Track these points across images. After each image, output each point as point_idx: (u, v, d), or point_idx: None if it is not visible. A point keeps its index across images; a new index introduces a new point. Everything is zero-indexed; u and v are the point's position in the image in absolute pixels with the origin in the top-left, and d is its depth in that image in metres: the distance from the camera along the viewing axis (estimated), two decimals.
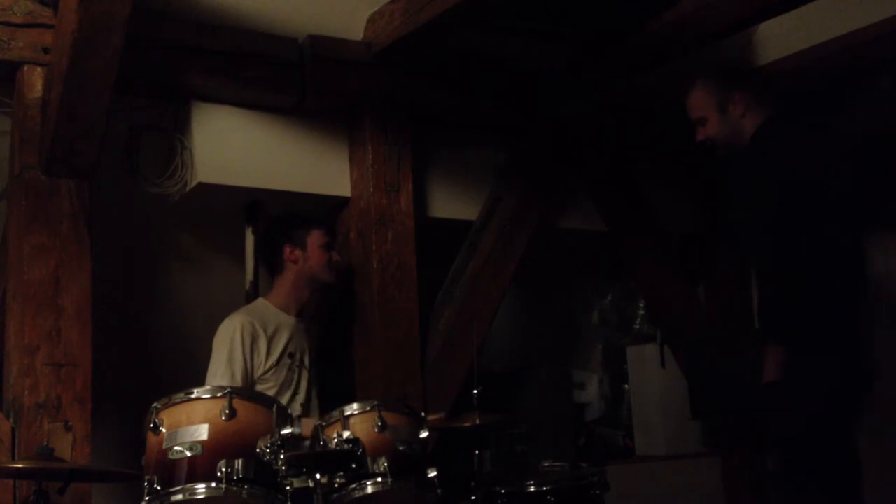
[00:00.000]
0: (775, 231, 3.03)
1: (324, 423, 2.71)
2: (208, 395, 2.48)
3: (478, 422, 3.06)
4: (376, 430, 2.63)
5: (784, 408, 3.03)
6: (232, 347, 3.23)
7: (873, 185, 4.45)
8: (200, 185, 3.56)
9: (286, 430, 2.43)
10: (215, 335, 3.30)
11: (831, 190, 3.09)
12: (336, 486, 2.49)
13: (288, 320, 3.43)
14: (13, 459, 2.96)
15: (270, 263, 3.58)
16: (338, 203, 3.91)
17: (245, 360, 3.23)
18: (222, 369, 3.20)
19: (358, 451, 2.49)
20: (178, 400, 2.47)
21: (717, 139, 3.30)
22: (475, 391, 3.09)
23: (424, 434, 2.73)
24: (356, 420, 2.66)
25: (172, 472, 2.38)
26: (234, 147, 3.65)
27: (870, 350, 3.13)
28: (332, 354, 3.83)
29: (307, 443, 2.72)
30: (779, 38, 4.17)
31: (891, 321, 4.45)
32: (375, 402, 2.70)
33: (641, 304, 4.99)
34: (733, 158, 3.27)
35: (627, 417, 4.97)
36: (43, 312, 3.10)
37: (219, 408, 2.44)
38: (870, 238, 4.41)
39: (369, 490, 2.53)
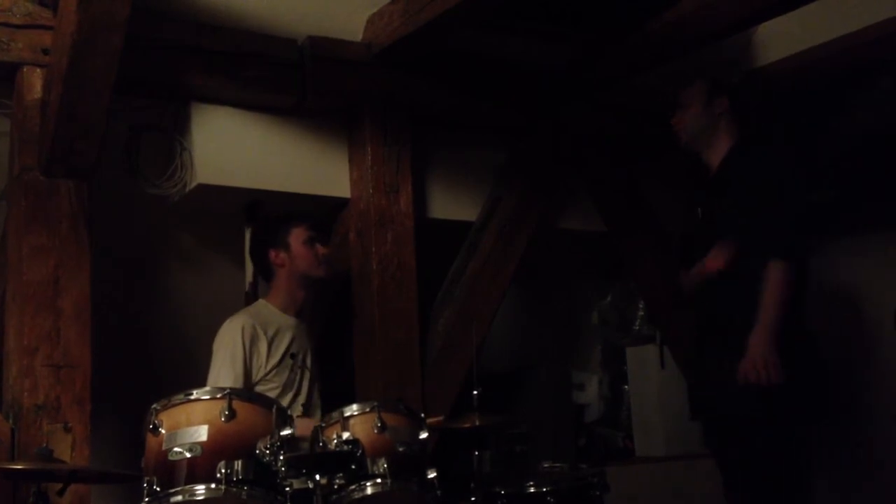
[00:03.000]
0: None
1: (323, 425, 2.71)
2: (208, 397, 2.47)
3: (477, 422, 3.05)
4: (376, 431, 2.63)
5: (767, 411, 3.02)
6: (233, 349, 3.23)
7: (873, 185, 4.46)
8: (200, 185, 3.56)
9: (285, 431, 2.43)
10: (216, 337, 3.29)
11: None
12: (336, 487, 2.48)
13: (289, 321, 3.42)
14: (12, 461, 2.96)
15: (262, 271, 3.56)
16: (337, 204, 3.91)
17: (245, 361, 3.23)
18: (224, 371, 3.19)
19: (357, 452, 2.48)
20: (178, 401, 2.47)
21: (686, 127, 3.35)
22: (475, 392, 3.09)
23: (424, 435, 2.73)
24: (356, 421, 2.66)
25: (172, 474, 2.38)
26: (234, 148, 3.65)
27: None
28: (333, 355, 3.83)
29: (304, 444, 2.71)
30: (779, 39, 4.17)
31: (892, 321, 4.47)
32: (375, 403, 2.70)
33: (641, 305, 4.99)
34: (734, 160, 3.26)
35: (627, 418, 4.97)
36: (42, 313, 3.10)
37: (218, 409, 2.43)
38: (870, 238, 4.44)
39: (369, 491, 2.52)
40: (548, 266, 4.90)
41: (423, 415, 2.82)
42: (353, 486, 2.51)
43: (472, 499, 3.04)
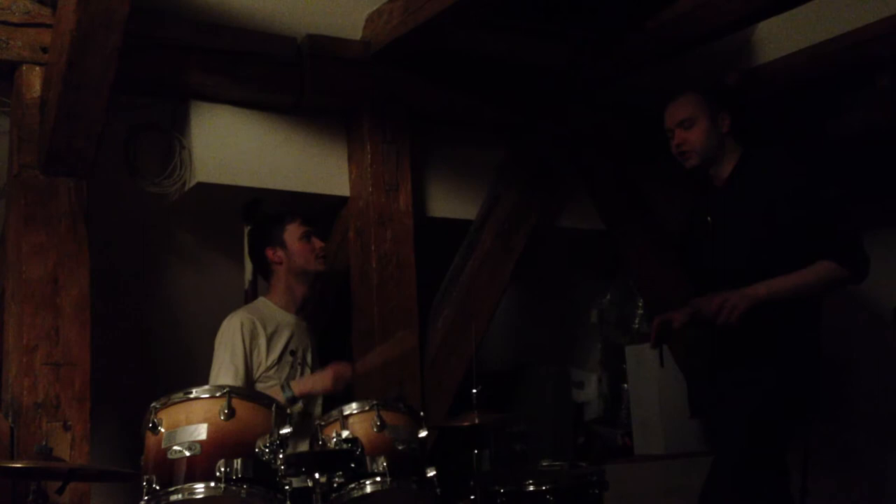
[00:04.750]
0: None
1: (323, 423, 2.71)
2: (207, 395, 2.47)
3: (477, 421, 3.05)
4: (375, 429, 2.63)
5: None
6: (234, 345, 3.23)
7: (873, 185, 4.46)
8: (199, 184, 3.56)
9: (284, 430, 2.43)
10: (217, 335, 3.29)
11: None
12: (335, 485, 2.49)
13: (289, 318, 3.43)
14: (12, 459, 2.96)
15: (261, 271, 3.56)
16: (336, 202, 3.91)
17: (246, 357, 3.23)
18: (225, 367, 3.19)
19: (357, 450, 2.49)
20: (177, 399, 2.47)
21: (698, 147, 3.17)
22: (474, 390, 3.09)
23: (423, 433, 2.73)
24: (355, 419, 2.66)
25: (171, 472, 2.38)
26: (233, 146, 3.65)
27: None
28: (333, 353, 3.82)
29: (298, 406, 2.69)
30: (778, 38, 4.18)
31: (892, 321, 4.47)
32: (374, 402, 2.70)
33: (640, 304, 4.99)
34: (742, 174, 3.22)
35: (626, 416, 4.97)
36: (41, 312, 3.10)
37: (217, 407, 2.43)
38: (871, 238, 4.43)
39: (368, 489, 2.53)
40: (547, 264, 4.90)
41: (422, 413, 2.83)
42: (352, 485, 2.52)
43: (472, 497, 3.04)
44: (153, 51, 3.37)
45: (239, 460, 2.36)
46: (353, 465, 2.48)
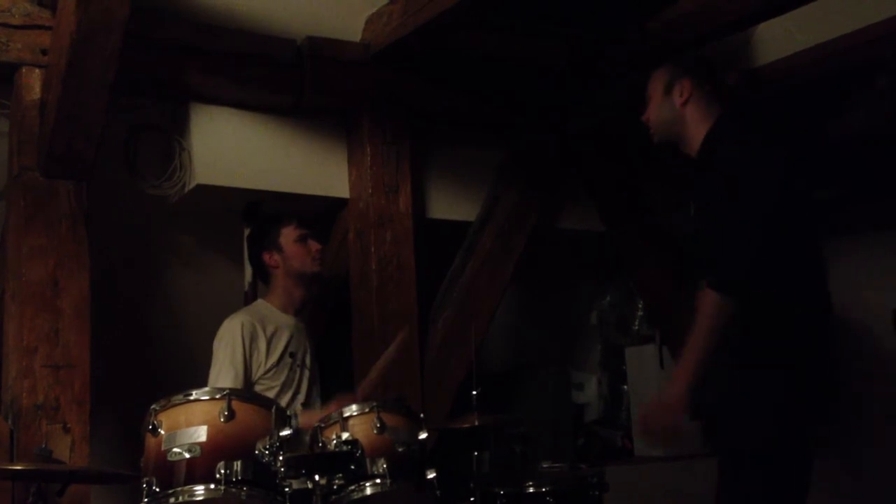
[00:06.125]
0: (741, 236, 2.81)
1: (323, 425, 2.71)
2: (207, 397, 2.47)
3: (477, 423, 3.05)
4: (375, 431, 2.63)
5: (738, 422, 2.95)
6: (233, 347, 3.23)
7: (872, 185, 4.46)
8: (199, 186, 3.56)
9: (285, 432, 2.43)
10: (216, 336, 3.29)
11: (790, 196, 2.85)
12: (335, 487, 2.48)
13: (288, 320, 3.42)
14: (12, 461, 2.96)
15: (259, 275, 3.56)
16: (336, 204, 3.91)
17: (246, 359, 3.23)
18: (225, 369, 3.19)
19: (357, 452, 2.49)
20: (177, 401, 2.47)
21: (653, 120, 3.04)
22: (474, 392, 3.09)
23: (423, 435, 2.73)
24: (355, 421, 2.66)
25: (171, 474, 2.38)
26: (233, 148, 3.65)
27: (835, 358, 2.89)
28: (332, 354, 3.83)
29: (307, 437, 2.71)
30: (778, 39, 4.17)
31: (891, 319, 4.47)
32: (374, 404, 2.70)
33: (640, 305, 4.99)
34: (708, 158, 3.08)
35: (626, 418, 4.97)
36: (41, 314, 3.10)
37: (217, 409, 2.43)
38: (870, 238, 4.44)
39: (368, 491, 2.53)
40: (547, 266, 4.90)
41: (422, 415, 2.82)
42: (352, 487, 2.52)
43: (472, 499, 3.04)
44: (153, 52, 3.37)
45: (239, 462, 2.36)
46: (352, 467, 2.48)
